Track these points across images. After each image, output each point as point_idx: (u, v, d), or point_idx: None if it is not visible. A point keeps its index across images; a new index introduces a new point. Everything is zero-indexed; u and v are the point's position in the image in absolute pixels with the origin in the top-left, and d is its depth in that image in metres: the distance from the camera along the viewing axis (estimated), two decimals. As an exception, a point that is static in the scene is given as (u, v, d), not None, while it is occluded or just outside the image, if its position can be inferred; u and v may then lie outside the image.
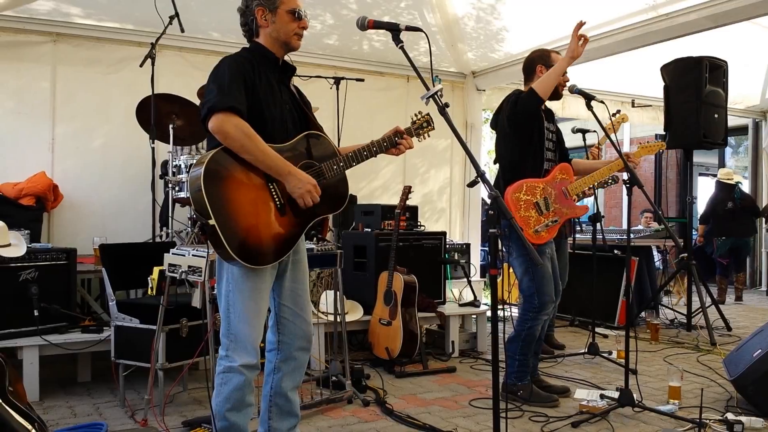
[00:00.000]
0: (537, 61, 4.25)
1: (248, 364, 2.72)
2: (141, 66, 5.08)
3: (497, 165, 4.30)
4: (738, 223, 9.21)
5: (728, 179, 9.29)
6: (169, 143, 5.01)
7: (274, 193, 2.69)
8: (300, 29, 2.85)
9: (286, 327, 2.93)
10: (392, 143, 2.94)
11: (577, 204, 4.30)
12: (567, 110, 8.35)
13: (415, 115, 3.05)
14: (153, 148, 5.07)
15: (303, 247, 3.00)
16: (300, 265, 2.96)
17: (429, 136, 3.08)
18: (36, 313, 4.25)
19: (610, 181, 5.89)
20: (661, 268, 8.77)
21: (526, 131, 4.11)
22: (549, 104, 4.31)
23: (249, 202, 2.63)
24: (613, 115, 5.54)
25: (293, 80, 3.05)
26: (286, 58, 2.95)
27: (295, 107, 2.94)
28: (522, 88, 4.30)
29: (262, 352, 2.96)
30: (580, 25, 3.91)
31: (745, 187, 10.67)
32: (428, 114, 3.05)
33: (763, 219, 10.30)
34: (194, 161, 4.87)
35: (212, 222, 2.52)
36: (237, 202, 2.60)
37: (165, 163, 5.39)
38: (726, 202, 9.17)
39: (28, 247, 4.27)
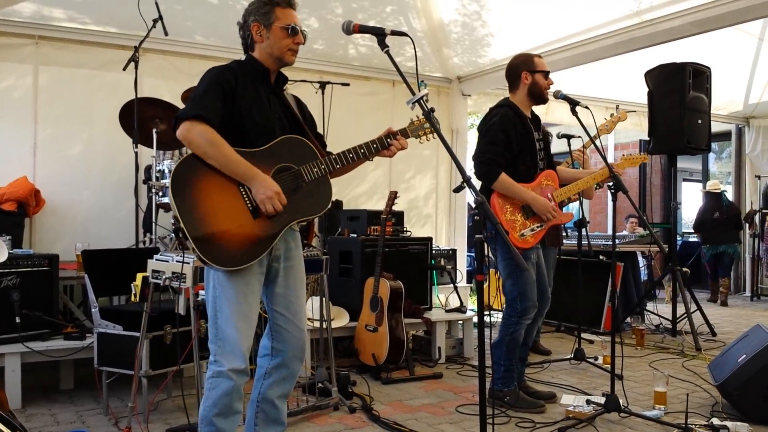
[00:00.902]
0: (521, 67, 4.20)
1: (236, 368, 2.70)
2: (124, 69, 5.03)
3: None
4: (725, 231, 9.74)
5: (716, 189, 9.87)
6: (152, 148, 4.97)
7: (245, 195, 2.68)
8: (295, 45, 2.89)
9: (280, 334, 2.92)
10: (383, 145, 2.92)
11: (562, 210, 4.30)
12: (551, 115, 8.38)
13: (416, 116, 3.02)
14: (136, 153, 5.03)
15: (298, 254, 2.97)
16: (293, 271, 2.93)
17: (429, 139, 3.05)
18: (18, 319, 4.21)
19: (595, 186, 5.91)
20: (646, 274, 8.83)
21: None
22: (534, 109, 4.33)
23: (219, 206, 2.63)
24: (614, 112, 5.55)
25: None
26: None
27: (287, 116, 2.93)
28: (508, 95, 4.29)
29: (252, 359, 2.94)
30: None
31: (729, 193, 10.81)
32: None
33: (746, 225, 10.40)
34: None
35: (181, 225, 2.55)
36: (204, 206, 2.61)
37: (148, 168, 5.34)
38: (714, 212, 9.73)
39: (9, 253, 4.23)
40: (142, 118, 4.94)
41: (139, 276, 3.88)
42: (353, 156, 2.87)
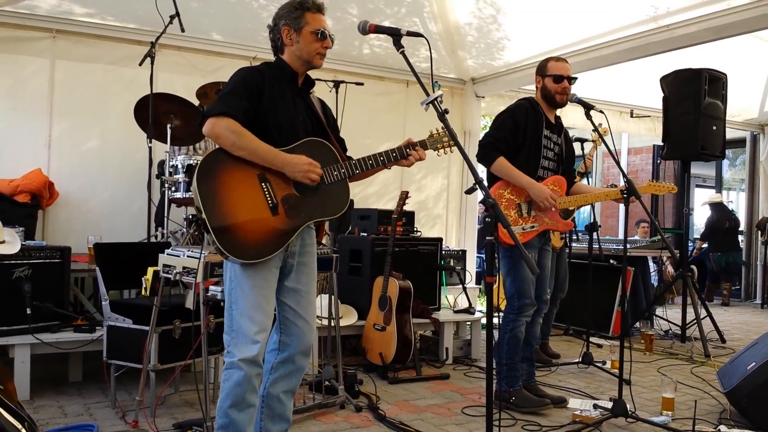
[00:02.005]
0: (537, 71, 4.29)
1: (247, 357, 2.72)
2: (140, 65, 5.06)
3: None
4: (733, 240, 10.51)
5: (718, 200, 10.77)
6: (166, 143, 5.00)
7: (267, 193, 2.74)
8: (323, 49, 2.95)
9: (288, 327, 2.95)
10: (402, 154, 2.96)
11: (562, 218, 4.27)
12: (563, 118, 8.32)
13: (435, 129, 3.03)
14: (150, 148, 5.05)
15: (312, 250, 3.01)
16: (305, 267, 2.97)
17: (451, 150, 3.04)
18: (28, 311, 4.23)
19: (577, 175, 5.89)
20: (657, 279, 8.82)
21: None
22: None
23: (240, 200, 2.69)
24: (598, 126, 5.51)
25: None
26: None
27: (310, 118, 2.99)
28: (534, 95, 4.31)
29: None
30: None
31: (742, 200, 10.84)
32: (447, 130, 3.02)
33: (759, 232, 10.35)
34: (192, 161, 4.90)
35: (203, 216, 2.61)
36: (227, 200, 2.67)
37: (162, 163, 5.37)
38: (725, 221, 10.43)
39: (22, 244, 4.25)
40: (157, 114, 4.96)
41: (150, 270, 3.90)
42: (372, 162, 2.93)
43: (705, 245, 10.67)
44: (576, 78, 4.26)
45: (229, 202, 2.67)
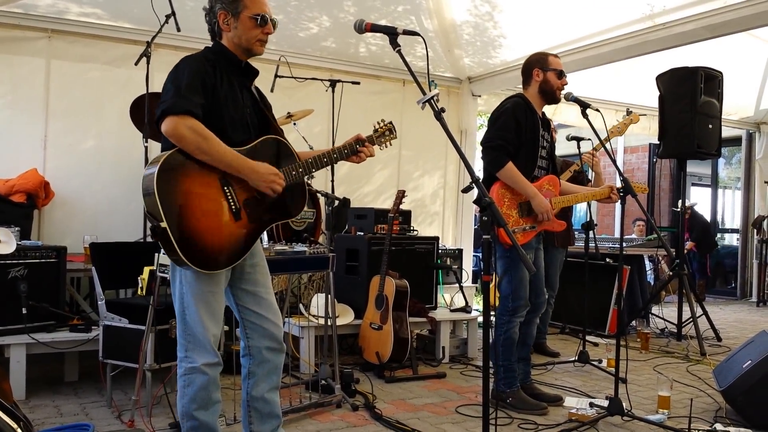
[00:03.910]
0: (534, 64, 4.23)
1: (209, 362, 2.72)
2: (136, 64, 5.03)
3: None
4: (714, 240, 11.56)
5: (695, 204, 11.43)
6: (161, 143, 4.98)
7: (229, 197, 2.67)
8: (264, 35, 2.82)
9: (253, 330, 2.93)
10: (353, 150, 2.94)
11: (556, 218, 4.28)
12: (559, 116, 8.36)
13: (378, 123, 3.04)
14: (146, 147, 5.03)
15: (260, 249, 2.97)
16: (258, 268, 2.93)
17: (390, 144, 3.07)
18: (24, 311, 4.23)
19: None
20: (653, 278, 8.84)
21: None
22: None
23: (202, 206, 2.60)
24: (625, 115, 5.51)
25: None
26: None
27: (256, 110, 2.92)
28: (522, 91, 4.29)
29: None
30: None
31: (737, 198, 10.90)
32: (390, 122, 3.06)
33: (754, 231, 10.38)
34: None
35: (163, 224, 2.48)
36: (190, 205, 2.57)
37: (157, 163, 5.35)
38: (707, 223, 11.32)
39: (17, 244, 4.25)
40: (153, 113, 4.93)
41: (146, 270, 3.90)
42: (327, 160, 2.89)
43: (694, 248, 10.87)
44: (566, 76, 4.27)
45: (191, 210, 2.56)
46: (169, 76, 2.68)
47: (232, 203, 2.67)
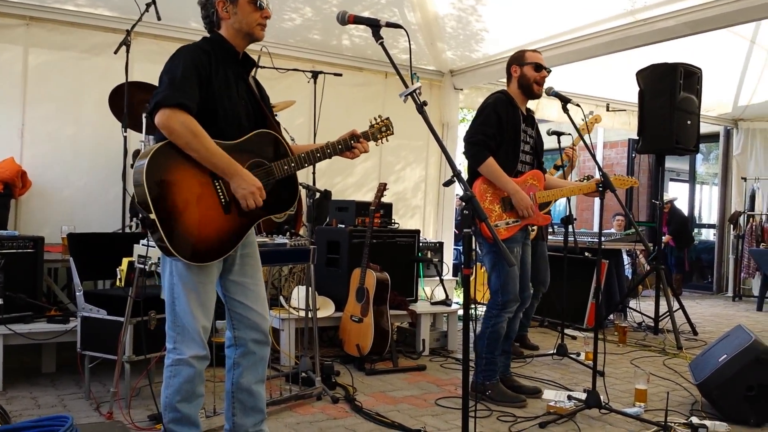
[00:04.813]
0: (512, 62, 4.29)
1: (197, 355, 2.71)
2: (115, 53, 4.99)
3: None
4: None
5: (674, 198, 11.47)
6: (141, 132, 4.93)
7: (219, 190, 2.67)
8: (263, 19, 2.82)
9: (240, 321, 2.92)
10: (347, 146, 2.93)
11: (541, 212, 4.30)
12: (540, 112, 8.39)
13: (374, 118, 3.03)
14: (125, 137, 5.00)
15: (253, 240, 2.97)
16: (249, 259, 2.93)
17: (387, 140, 3.07)
18: (0, 301, 4.17)
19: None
20: (630, 272, 8.92)
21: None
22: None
23: (192, 198, 2.60)
24: (588, 115, 5.56)
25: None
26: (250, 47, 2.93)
27: (251, 102, 2.90)
28: (506, 87, 4.31)
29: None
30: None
31: (715, 194, 11.03)
32: (388, 118, 3.05)
33: (731, 226, 10.51)
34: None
35: (153, 216, 2.49)
36: (179, 198, 2.57)
37: (137, 153, 5.31)
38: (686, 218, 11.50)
39: (-6, 234, 4.19)
40: (132, 103, 4.90)
41: (125, 261, 3.86)
42: (320, 156, 2.89)
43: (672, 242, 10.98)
44: (551, 70, 4.28)
45: (181, 203, 2.56)
46: (164, 67, 2.67)
47: (221, 196, 2.67)
